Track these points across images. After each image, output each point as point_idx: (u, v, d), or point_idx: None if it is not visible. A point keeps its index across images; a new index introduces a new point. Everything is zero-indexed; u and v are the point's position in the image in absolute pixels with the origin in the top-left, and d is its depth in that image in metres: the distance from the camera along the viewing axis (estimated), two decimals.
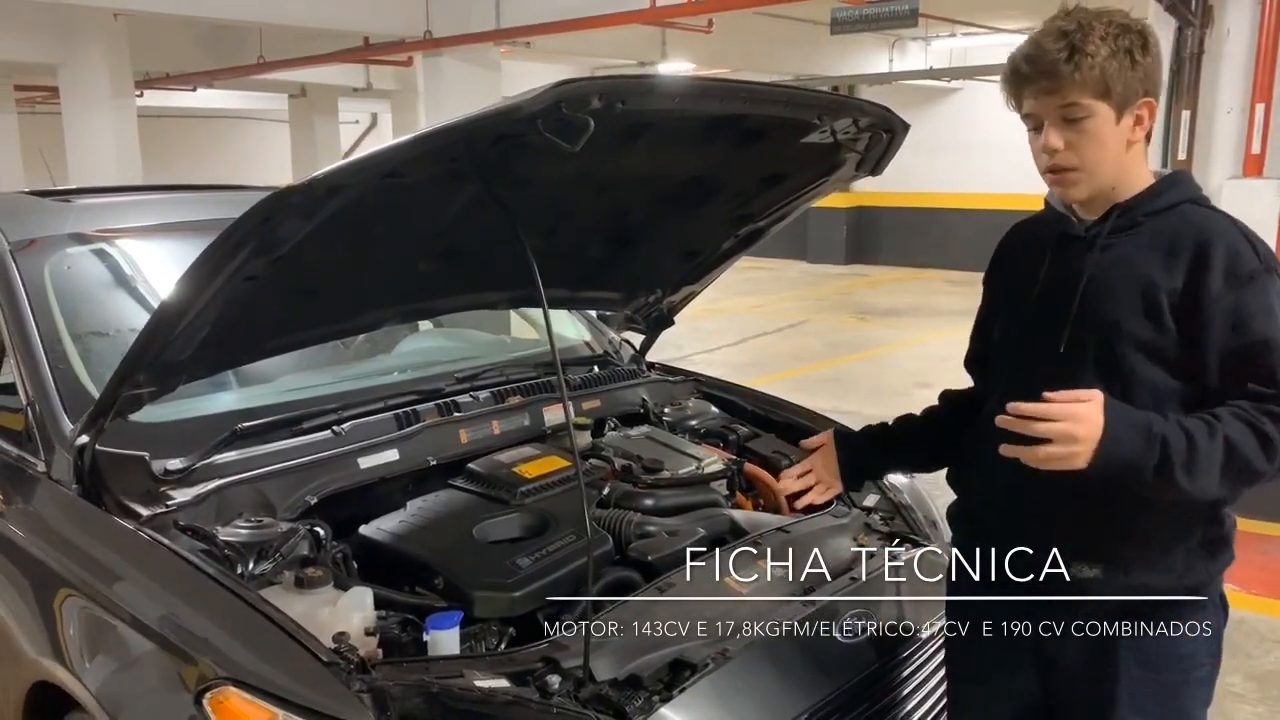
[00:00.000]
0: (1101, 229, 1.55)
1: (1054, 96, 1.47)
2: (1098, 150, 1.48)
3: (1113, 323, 1.51)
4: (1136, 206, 1.53)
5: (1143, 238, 1.52)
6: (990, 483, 1.63)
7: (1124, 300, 1.50)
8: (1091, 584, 1.53)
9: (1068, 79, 1.45)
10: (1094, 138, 1.48)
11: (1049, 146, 1.49)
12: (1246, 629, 3.48)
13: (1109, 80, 1.45)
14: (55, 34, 9.07)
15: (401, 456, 2.17)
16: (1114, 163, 1.50)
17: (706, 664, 1.66)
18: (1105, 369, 1.51)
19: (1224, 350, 1.46)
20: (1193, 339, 1.47)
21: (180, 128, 18.10)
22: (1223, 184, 4.89)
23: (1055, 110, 1.48)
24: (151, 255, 2.54)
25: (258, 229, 1.61)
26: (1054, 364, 1.55)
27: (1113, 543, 1.51)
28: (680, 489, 2.32)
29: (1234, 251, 1.47)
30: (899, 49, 13.35)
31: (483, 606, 1.80)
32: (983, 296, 1.80)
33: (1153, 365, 1.49)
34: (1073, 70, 1.44)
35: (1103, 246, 1.54)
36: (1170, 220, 1.52)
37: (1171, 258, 1.48)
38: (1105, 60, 1.44)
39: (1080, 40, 1.44)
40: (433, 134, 1.54)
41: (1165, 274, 1.48)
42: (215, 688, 1.50)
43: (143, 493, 1.86)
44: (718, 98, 1.85)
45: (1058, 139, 1.48)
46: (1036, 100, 1.49)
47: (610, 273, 2.60)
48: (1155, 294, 1.48)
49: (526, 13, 7.77)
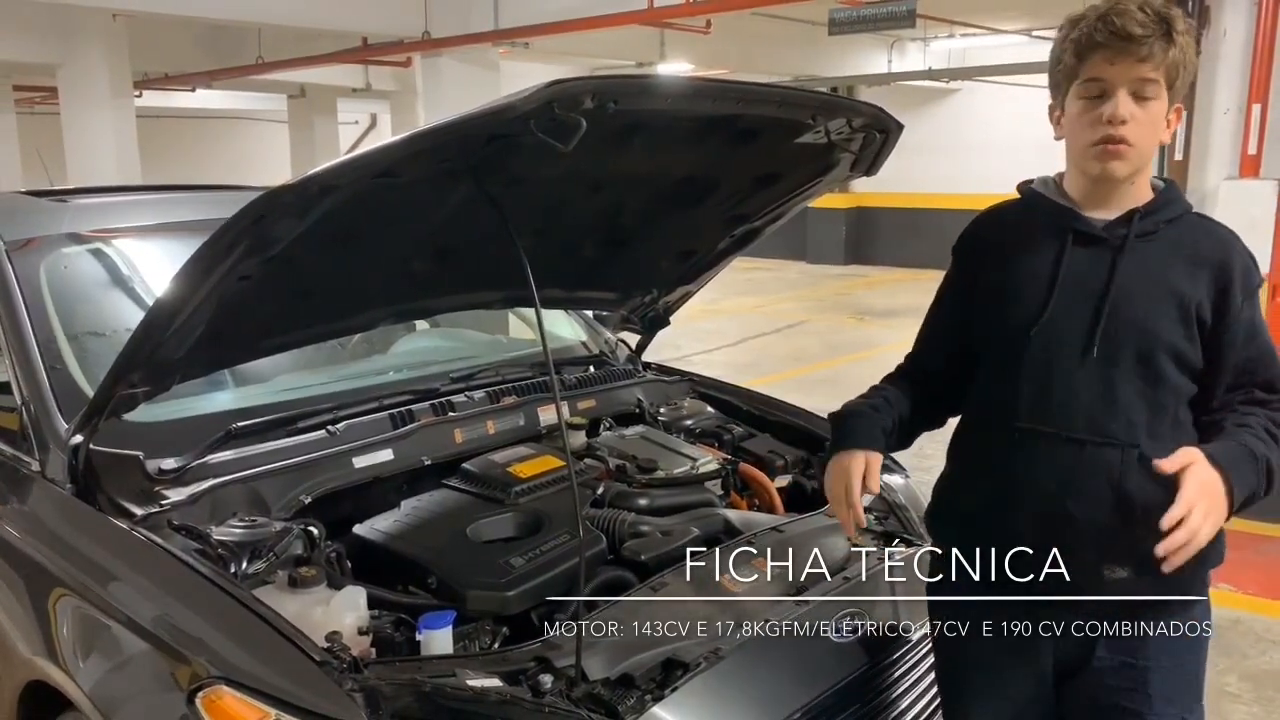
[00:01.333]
0: (1126, 231, 1.54)
1: (1141, 65, 1.45)
2: (1152, 135, 1.50)
3: (1150, 330, 1.52)
4: (1155, 212, 1.55)
5: (1164, 246, 1.54)
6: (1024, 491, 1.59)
7: (1161, 308, 1.52)
8: (1118, 585, 1.54)
9: (1159, 53, 1.44)
10: (1152, 119, 1.49)
11: (1118, 116, 1.46)
12: (1242, 629, 3.48)
13: (1180, 68, 1.47)
14: (54, 34, 9.07)
15: (396, 456, 2.17)
16: (1152, 152, 1.53)
17: (699, 663, 1.66)
18: (1141, 374, 1.53)
19: (1239, 360, 1.54)
20: (1215, 348, 1.53)
21: (179, 128, 18.09)
22: (1219, 184, 4.89)
23: (1133, 80, 1.46)
24: (148, 255, 2.53)
25: (250, 228, 1.61)
26: (1085, 367, 1.54)
27: (1145, 543, 1.47)
28: (675, 489, 2.32)
29: (1247, 267, 1.54)
30: (897, 50, 13.35)
31: (476, 606, 1.81)
32: (949, 285, 1.75)
33: (1179, 372, 1.54)
34: (1166, 47, 1.44)
35: (1130, 250, 1.54)
36: (1182, 230, 1.56)
37: (1195, 269, 1.53)
38: (1185, 50, 1.46)
39: (1171, 21, 1.45)
40: (425, 134, 1.54)
41: (1191, 285, 1.52)
42: (208, 687, 1.50)
43: (137, 492, 1.86)
44: (711, 98, 1.85)
45: (1130, 107, 1.46)
46: (1115, 66, 1.46)
47: (605, 273, 2.60)
48: (1187, 304, 1.52)
49: (525, 13, 7.77)
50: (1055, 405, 1.56)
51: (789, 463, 2.56)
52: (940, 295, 1.78)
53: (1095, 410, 1.54)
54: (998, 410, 1.62)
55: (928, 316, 1.80)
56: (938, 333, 1.79)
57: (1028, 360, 1.58)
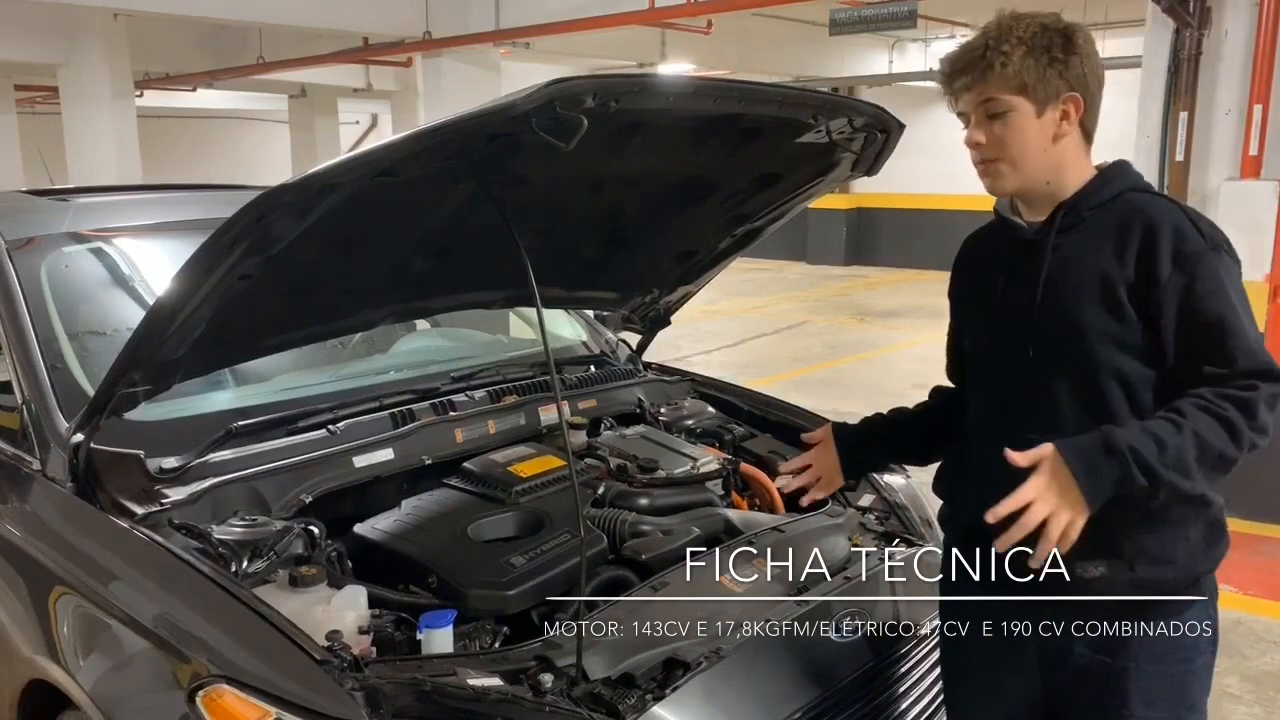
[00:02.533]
0: (1049, 229, 1.57)
1: (972, 92, 1.54)
2: (1020, 143, 1.53)
3: (1076, 321, 1.52)
4: (1080, 202, 1.56)
5: (1091, 232, 1.55)
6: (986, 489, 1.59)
7: (1084, 296, 1.52)
8: (1097, 583, 1.53)
9: (983, 76, 1.52)
10: (1016, 131, 1.53)
11: (969, 140, 1.57)
12: (1243, 630, 3.48)
13: (1025, 77, 1.50)
14: (56, 34, 9.08)
15: (396, 455, 2.17)
16: (1039, 155, 1.54)
17: (700, 663, 1.66)
18: (1077, 368, 1.53)
19: (1179, 332, 1.48)
20: (1152, 324, 1.49)
21: (180, 128, 18.11)
22: (1220, 185, 4.89)
23: (977, 105, 1.54)
24: (149, 254, 2.54)
25: (251, 227, 1.61)
26: (1025, 371, 1.57)
27: (1116, 540, 1.50)
28: (675, 488, 2.32)
29: (1179, 233, 1.48)
30: (898, 50, 13.35)
31: (476, 605, 1.81)
32: (950, 311, 1.82)
33: (1122, 355, 1.51)
34: (986, 68, 1.51)
35: (1053, 247, 1.56)
36: (1115, 210, 1.55)
37: (1121, 247, 1.51)
38: (1021, 59, 1.50)
39: (996, 40, 1.51)
40: (427, 132, 1.54)
41: (1118, 264, 1.50)
42: (208, 685, 1.50)
43: (137, 491, 1.86)
44: (712, 97, 1.84)
45: (979, 133, 1.55)
46: (960, 98, 1.57)
47: (606, 272, 2.60)
48: (1112, 285, 1.50)
49: (526, 13, 7.78)
50: (1008, 410, 1.61)
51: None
52: (949, 325, 1.86)
53: (1044, 411, 1.55)
54: (967, 416, 1.72)
55: (946, 344, 1.88)
56: (952, 359, 1.86)
57: (984, 370, 1.70)
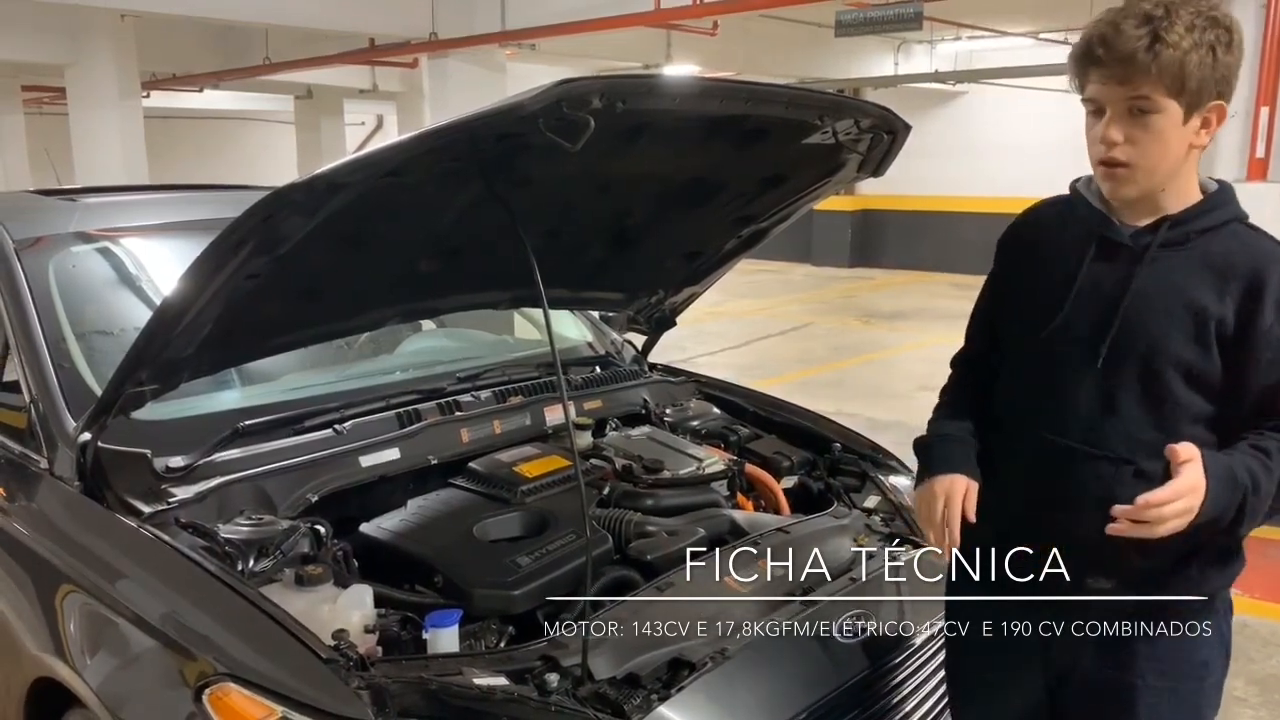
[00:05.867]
0: (1151, 240, 1.45)
1: (1125, 86, 1.36)
2: (1159, 150, 1.38)
3: (1159, 343, 1.44)
4: (1188, 221, 1.45)
5: (1193, 256, 1.44)
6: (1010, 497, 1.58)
7: (1173, 321, 1.43)
8: (1104, 594, 1.52)
9: (1144, 69, 1.33)
10: (1157, 136, 1.37)
11: (1107, 138, 1.39)
12: (1249, 633, 3.47)
13: (1186, 76, 1.33)
14: (63, 35, 9.09)
15: (402, 455, 2.17)
16: (1172, 166, 1.41)
17: (705, 663, 1.66)
18: (1144, 388, 1.45)
19: (1266, 382, 1.42)
20: (1238, 368, 1.42)
21: (186, 129, 18.14)
22: None
23: (1123, 100, 1.37)
24: (156, 254, 2.54)
25: (259, 227, 1.61)
26: (1089, 376, 1.48)
27: (1130, 558, 1.47)
28: (681, 489, 2.32)
29: None
30: (904, 52, 13.33)
31: (482, 604, 1.81)
32: (990, 280, 1.69)
33: (1190, 390, 1.44)
34: (1151, 60, 1.33)
35: (1150, 259, 1.45)
36: (1220, 240, 1.45)
37: (1223, 283, 1.42)
38: (1187, 53, 1.32)
39: (1165, 27, 1.32)
40: (434, 132, 1.55)
41: (1216, 300, 1.41)
42: (215, 684, 1.50)
43: (144, 490, 1.86)
44: (718, 98, 1.85)
45: (1118, 132, 1.38)
46: (1104, 86, 1.38)
47: (612, 273, 2.60)
48: (1204, 320, 1.41)
49: (531, 14, 7.78)
50: (1054, 412, 1.51)
51: (795, 464, 2.56)
52: (983, 291, 1.72)
53: (1093, 421, 1.48)
54: (1005, 411, 1.62)
55: (973, 312, 1.74)
56: (978, 341, 1.73)
57: (1035, 364, 1.56)
